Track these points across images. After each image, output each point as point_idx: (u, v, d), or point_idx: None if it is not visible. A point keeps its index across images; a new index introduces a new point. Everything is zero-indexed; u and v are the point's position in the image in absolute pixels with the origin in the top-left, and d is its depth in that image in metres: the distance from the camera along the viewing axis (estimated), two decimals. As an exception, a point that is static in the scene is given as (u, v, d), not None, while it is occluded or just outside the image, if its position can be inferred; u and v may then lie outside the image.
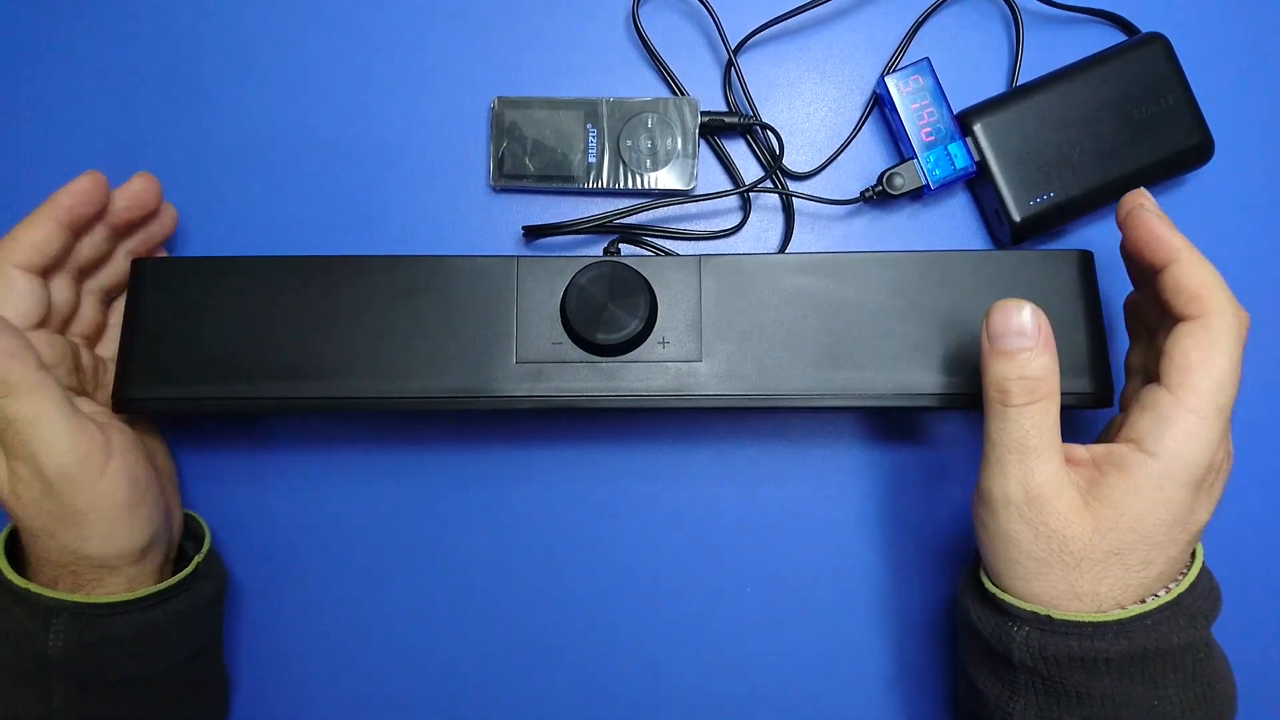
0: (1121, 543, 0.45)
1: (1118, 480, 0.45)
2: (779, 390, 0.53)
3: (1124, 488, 0.45)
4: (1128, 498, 0.45)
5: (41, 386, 0.47)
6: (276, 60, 0.65)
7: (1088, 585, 0.45)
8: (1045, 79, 0.61)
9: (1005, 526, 0.46)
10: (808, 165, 0.64)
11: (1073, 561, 0.45)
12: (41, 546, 0.49)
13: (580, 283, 0.53)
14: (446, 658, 0.61)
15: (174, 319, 0.53)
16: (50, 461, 0.47)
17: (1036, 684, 0.47)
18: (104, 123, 0.65)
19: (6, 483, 0.48)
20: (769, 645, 0.61)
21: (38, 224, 0.52)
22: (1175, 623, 0.45)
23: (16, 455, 0.47)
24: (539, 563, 0.61)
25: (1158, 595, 0.46)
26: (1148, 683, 0.45)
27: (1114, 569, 0.45)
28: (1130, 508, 0.45)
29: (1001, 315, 0.46)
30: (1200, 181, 0.63)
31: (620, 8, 0.66)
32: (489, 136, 0.64)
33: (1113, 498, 0.45)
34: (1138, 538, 0.45)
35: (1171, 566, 0.46)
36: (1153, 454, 0.45)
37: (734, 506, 0.61)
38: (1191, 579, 0.47)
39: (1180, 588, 0.46)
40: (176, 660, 0.53)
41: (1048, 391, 0.46)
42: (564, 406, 0.53)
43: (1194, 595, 0.46)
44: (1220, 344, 0.45)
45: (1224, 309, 0.46)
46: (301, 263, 0.54)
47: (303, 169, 0.64)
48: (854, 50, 0.65)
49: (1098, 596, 0.46)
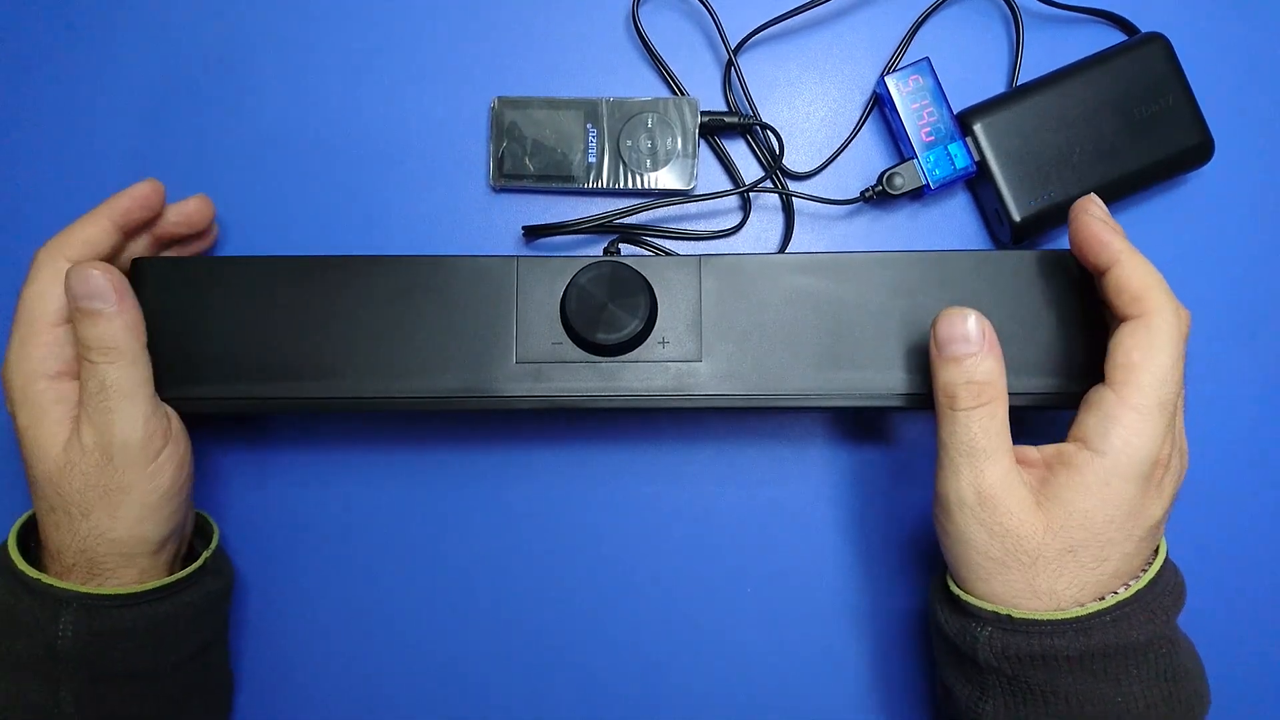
0: (1073, 540, 0.46)
1: (1067, 479, 0.46)
2: (779, 390, 0.53)
3: (1073, 485, 0.46)
4: (1077, 495, 0.46)
5: (143, 362, 0.51)
6: (277, 60, 0.65)
7: (1045, 583, 0.46)
8: (1045, 79, 0.61)
9: (961, 528, 0.48)
10: (808, 165, 0.64)
11: (1028, 560, 0.46)
12: (64, 533, 0.50)
13: (580, 283, 0.53)
14: (446, 656, 0.61)
15: (175, 319, 0.53)
16: (120, 433, 0.49)
17: (1003, 684, 0.48)
18: (104, 123, 0.65)
19: (60, 454, 0.50)
20: (769, 645, 0.61)
21: (94, 222, 0.54)
22: (1135, 619, 0.46)
23: (94, 421, 0.49)
24: (539, 562, 0.61)
25: (1117, 592, 0.47)
26: (1110, 680, 0.46)
27: (1069, 566, 0.46)
28: (1079, 505, 0.46)
29: (947, 323, 0.48)
30: (1200, 181, 0.63)
31: (620, 8, 0.66)
32: (489, 136, 0.64)
33: (1063, 496, 0.46)
34: (1089, 535, 0.46)
35: (1128, 563, 0.47)
36: (1099, 452, 0.46)
37: (734, 506, 0.61)
38: (1151, 575, 0.47)
39: (1139, 584, 0.47)
40: (184, 654, 0.53)
41: (994, 395, 0.47)
42: (564, 406, 0.53)
43: (1154, 591, 0.47)
44: (1161, 342, 0.46)
45: (1164, 308, 0.46)
46: (302, 263, 0.54)
47: (303, 169, 0.64)
48: (854, 50, 0.65)
49: (1056, 594, 0.46)
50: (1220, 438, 0.61)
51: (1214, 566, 0.60)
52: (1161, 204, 0.63)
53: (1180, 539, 0.60)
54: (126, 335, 0.50)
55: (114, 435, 0.49)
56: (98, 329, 0.49)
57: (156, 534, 0.52)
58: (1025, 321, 0.53)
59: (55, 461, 0.50)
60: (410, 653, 0.61)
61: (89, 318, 0.49)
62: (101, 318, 0.49)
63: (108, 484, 0.50)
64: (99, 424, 0.49)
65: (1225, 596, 0.60)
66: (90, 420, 0.49)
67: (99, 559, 0.50)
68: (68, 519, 0.50)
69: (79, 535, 0.50)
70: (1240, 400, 0.62)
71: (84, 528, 0.50)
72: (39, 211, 0.64)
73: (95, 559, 0.50)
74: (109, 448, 0.49)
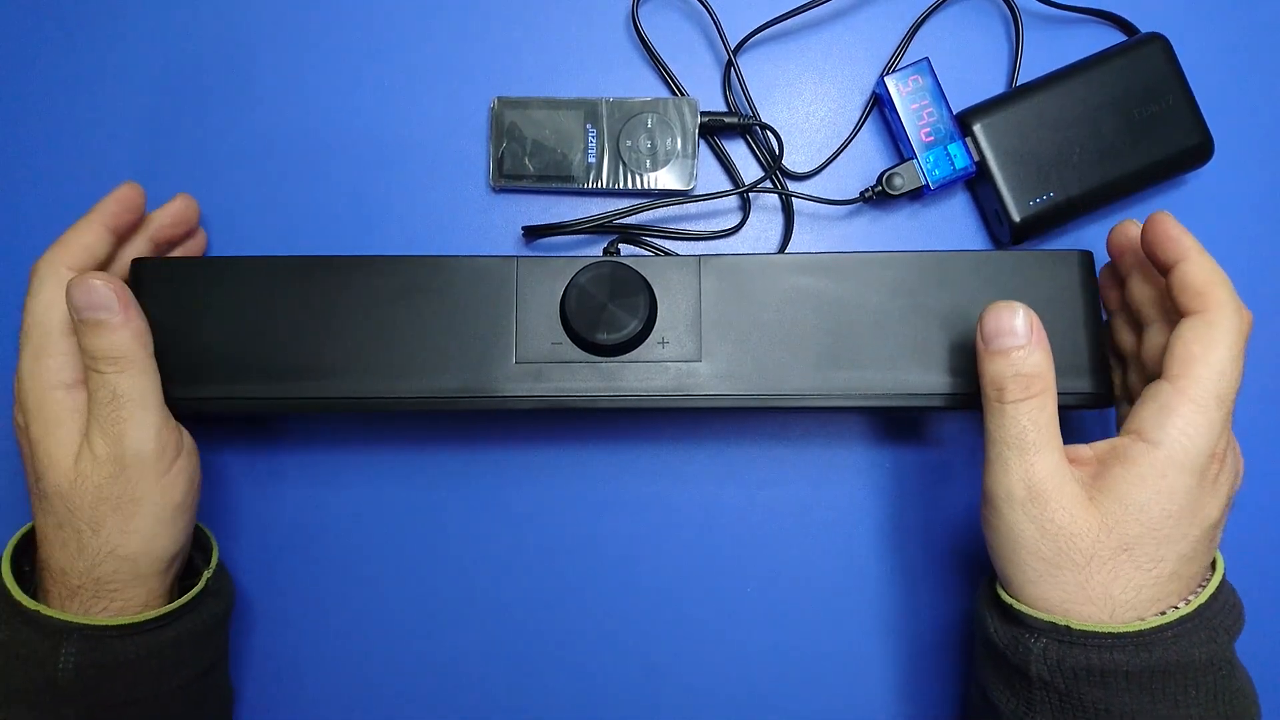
0: (1128, 536, 0.45)
1: (1121, 471, 0.46)
2: (779, 390, 0.53)
3: (1128, 478, 0.45)
4: (1132, 488, 0.45)
5: (151, 370, 0.51)
6: (277, 61, 0.65)
7: (1099, 587, 0.45)
8: (1045, 79, 0.61)
9: (1010, 525, 0.46)
10: (807, 165, 0.64)
11: (1081, 560, 0.45)
12: (71, 551, 0.49)
13: (580, 283, 0.53)
14: (446, 655, 0.61)
15: (175, 319, 0.53)
16: (134, 442, 0.49)
17: (1053, 699, 0.46)
18: (105, 124, 0.65)
19: (72, 467, 0.49)
20: (770, 646, 0.61)
21: (88, 228, 0.54)
22: (1196, 636, 0.44)
23: (105, 431, 0.49)
24: (539, 562, 0.61)
25: (1177, 607, 0.45)
26: (1169, 701, 0.44)
27: (1124, 567, 0.45)
28: (1135, 498, 0.45)
29: (994, 316, 0.48)
30: (1200, 181, 0.63)
31: (620, 8, 0.66)
32: (489, 136, 0.64)
33: (1117, 489, 0.45)
34: (1144, 530, 0.45)
35: (1186, 566, 0.46)
36: (1155, 443, 0.45)
37: (734, 506, 0.61)
38: (1212, 589, 0.46)
39: (1200, 599, 0.45)
40: (186, 678, 0.53)
41: (1043, 387, 0.47)
42: (564, 406, 0.53)
43: (1214, 608, 0.46)
44: (1221, 337, 0.46)
45: (1226, 305, 0.46)
46: (303, 263, 0.54)
47: (303, 169, 0.64)
48: (854, 50, 0.65)
49: (1111, 599, 0.45)
50: (1220, 438, 0.61)
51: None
52: (1161, 204, 0.63)
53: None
54: (134, 344, 0.50)
55: (127, 445, 0.49)
56: (104, 339, 0.49)
57: (168, 550, 0.51)
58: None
59: (67, 474, 0.49)
60: (410, 652, 0.61)
61: (94, 328, 0.49)
62: (107, 328, 0.49)
63: (120, 496, 0.49)
64: (112, 434, 0.49)
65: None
66: (102, 430, 0.49)
67: (106, 579, 0.50)
68: (76, 536, 0.49)
69: (88, 553, 0.49)
70: (1240, 400, 0.62)
71: (94, 544, 0.49)
72: (39, 212, 0.64)
73: (103, 579, 0.49)
74: (122, 458, 0.49)
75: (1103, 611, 0.45)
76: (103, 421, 0.49)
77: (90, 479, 0.49)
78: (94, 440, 0.49)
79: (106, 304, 0.49)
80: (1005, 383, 0.47)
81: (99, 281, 0.49)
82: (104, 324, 0.49)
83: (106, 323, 0.49)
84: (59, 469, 0.49)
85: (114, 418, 0.49)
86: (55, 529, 0.50)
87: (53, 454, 0.49)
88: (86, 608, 0.49)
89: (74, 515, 0.49)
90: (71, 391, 0.50)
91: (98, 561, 0.49)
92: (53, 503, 0.49)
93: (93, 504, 0.49)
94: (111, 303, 0.49)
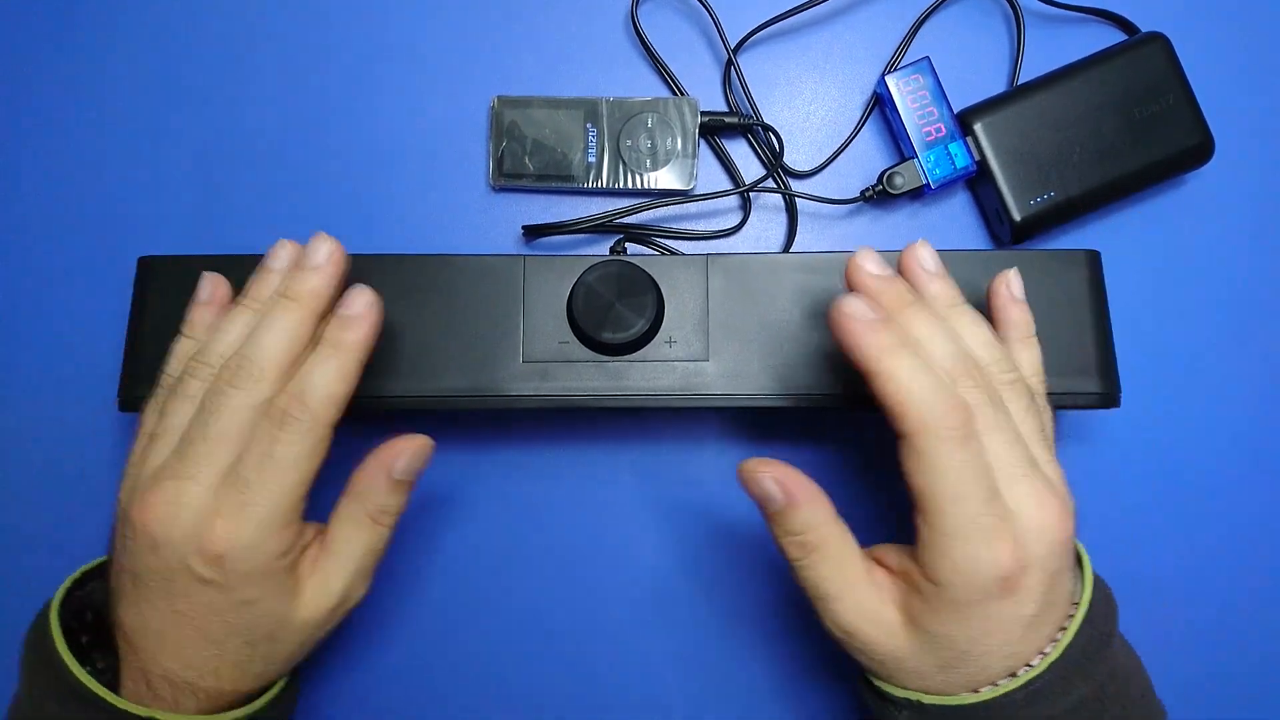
0: (944, 659, 0.44)
1: (922, 606, 0.44)
2: (786, 390, 0.53)
3: (927, 613, 0.43)
4: (933, 623, 0.43)
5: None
6: (277, 60, 0.65)
7: (947, 676, 0.44)
8: (1046, 78, 0.61)
9: (846, 650, 0.46)
10: (808, 165, 0.64)
11: (916, 671, 0.44)
12: (197, 659, 0.44)
13: (587, 282, 0.53)
14: (447, 655, 0.60)
15: (181, 317, 0.53)
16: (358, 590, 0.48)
17: None
18: (106, 123, 0.65)
19: (288, 599, 0.46)
20: (777, 645, 0.60)
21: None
22: (1050, 692, 0.43)
23: (358, 569, 0.48)
24: (544, 562, 0.61)
25: (1031, 665, 0.43)
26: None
27: (953, 675, 0.44)
28: (938, 630, 0.43)
29: (749, 482, 0.46)
30: (1200, 181, 0.63)
31: (620, 8, 0.65)
32: (489, 136, 0.64)
33: (921, 622, 0.44)
34: (956, 654, 0.43)
35: (1023, 645, 0.43)
36: (939, 583, 0.43)
37: (742, 506, 0.61)
38: (1064, 646, 0.43)
39: (1052, 656, 0.43)
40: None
41: (817, 542, 0.45)
42: (571, 406, 0.53)
43: (1067, 661, 0.43)
44: (934, 463, 0.41)
45: (921, 428, 0.42)
46: None
47: (303, 168, 0.64)
48: (854, 50, 0.66)
49: (970, 679, 0.44)
50: (1220, 437, 0.62)
51: (1214, 566, 0.61)
52: (1161, 204, 0.63)
53: (1180, 539, 0.61)
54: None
55: (352, 596, 0.48)
56: (398, 497, 0.48)
57: (291, 667, 0.49)
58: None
59: (308, 604, 0.46)
60: (412, 651, 0.60)
61: (397, 487, 0.47)
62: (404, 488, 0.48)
63: (309, 628, 0.47)
64: (349, 582, 0.47)
65: (1224, 595, 0.61)
66: (341, 574, 0.47)
67: (211, 686, 0.45)
68: (240, 649, 0.45)
69: (231, 660, 0.45)
70: (1240, 400, 0.62)
71: (231, 658, 0.45)
72: (39, 213, 0.64)
73: (212, 686, 0.45)
74: (348, 599, 0.47)
75: (959, 685, 0.44)
76: (341, 569, 0.47)
77: (313, 612, 0.46)
78: (331, 579, 0.47)
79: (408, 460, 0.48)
80: (784, 545, 0.46)
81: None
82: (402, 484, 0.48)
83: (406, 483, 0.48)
84: (304, 598, 0.46)
85: (358, 568, 0.47)
86: (198, 634, 0.44)
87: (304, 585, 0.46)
88: (176, 702, 0.44)
89: (253, 631, 0.45)
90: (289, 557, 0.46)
91: (224, 671, 0.45)
92: (239, 615, 0.44)
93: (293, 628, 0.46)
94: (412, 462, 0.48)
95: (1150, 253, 0.63)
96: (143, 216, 0.64)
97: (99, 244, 0.63)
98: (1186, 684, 0.59)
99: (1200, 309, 0.63)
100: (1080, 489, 0.60)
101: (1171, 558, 0.61)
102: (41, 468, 0.61)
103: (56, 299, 0.63)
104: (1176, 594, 0.60)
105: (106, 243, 0.63)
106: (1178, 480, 0.61)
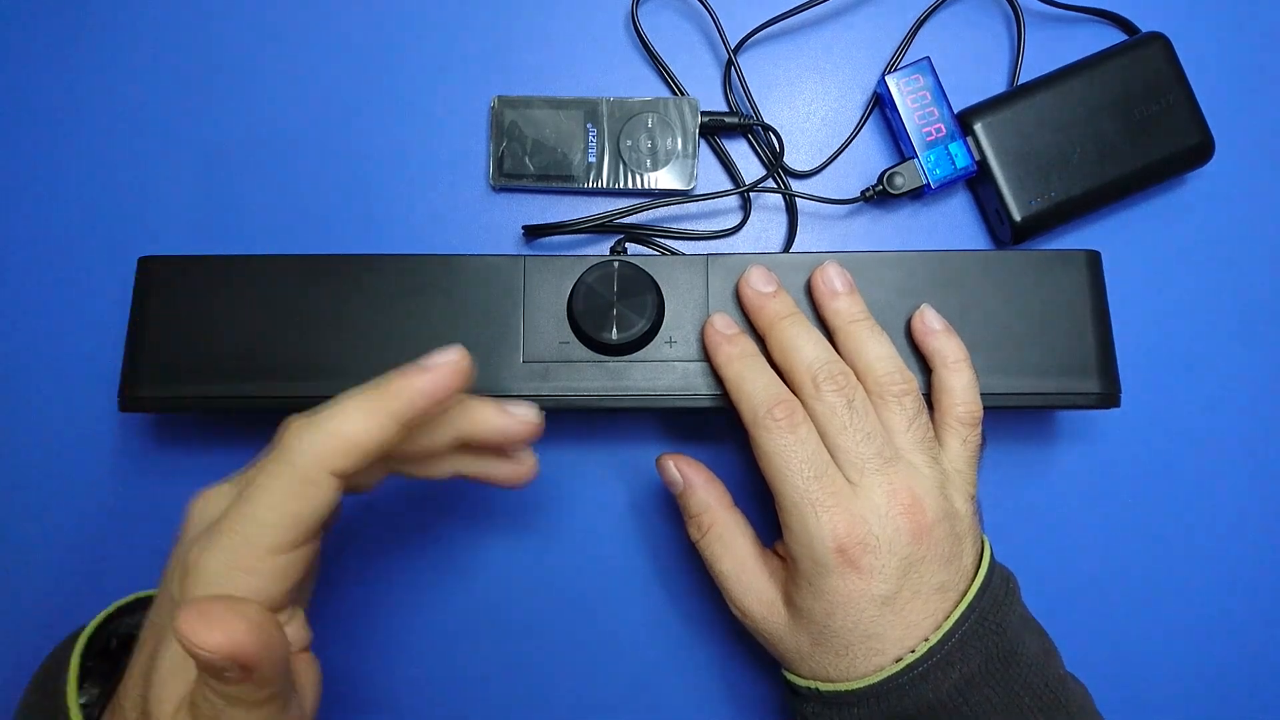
0: (814, 632, 0.47)
1: (790, 583, 0.49)
2: (786, 389, 0.53)
3: (793, 589, 0.48)
4: (797, 596, 0.48)
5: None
6: (278, 60, 0.65)
7: (831, 660, 0.47)
8: (1046, 78, 0.61)
9: (751, 633, 0.51)
10: (808, 165, 0.64)
11: (800, 652, 0.49)
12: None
13: (588, 282, 0.53)
14: (448, 654, 0.60)
15: (181, 318, 0.53)
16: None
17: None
18: (106, 123, 0.64)
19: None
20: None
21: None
22: (932, 674, 0.45)
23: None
24: (544, 562, 0.61)
25: (914, 650, 0.46)
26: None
27: (827, 655, 0.47)
28: (802, 604, 0.48)
29: (661, 469, 0.54)
30: (1200, 181, 0.63)
31: (620, 8, 0.65)
32: (489, 136, 0.64)
33: (792, 599, 0.49)
34: (819, 627, 0.47)
35: (894, 629, 0.46)
36: (790, 558, 0.48)
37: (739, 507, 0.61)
38: (945, 630, 0.46)
39: (932, 641, 0.46)
40: None
41: (711, 522, 0.52)
42: (571, 406, 0.53)
43: (947, 645, 0.45)
44: (764, 448, 0.48)
45: (754, 415, 0.48)
46: (308, 261, 0.54)
47: (303, 168, 0.64)
48: (854, 50, 0.66)
49: (854, 666, 0.47)
50: (1220, 437, 0.62)
51: (1213, 565, 0.61)
52: (1161, 204, 0.63)
53: (1181, 540, 0.61)
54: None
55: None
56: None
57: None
58: (1025, 321, 0.53)
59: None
60: (412, 650, 0.60)
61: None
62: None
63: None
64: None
65: (1224, 595, 0.61)
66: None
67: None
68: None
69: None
70: (1240, 400, 0.62)
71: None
72: (39, 212, 0.64)
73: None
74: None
75: (846, 673, 0.47)
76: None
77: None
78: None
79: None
80: (688, 528, 0.53)
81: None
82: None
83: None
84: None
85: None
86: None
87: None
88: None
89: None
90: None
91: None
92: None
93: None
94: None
95: (1150, 253, 0.63)
96: (143, 216, 0.64)
97: (99, 244, 0.63)
98: (1186, 683, 0.59)
99: (1200, 309, 0.63)
100: (1080, 489, 0.61)
101: (1171, 558, 0.61)
102: (41, 468, 0.61)
103: (56, 299, 0.63)
104: (1176, 594, 0.60)
105: (107, 243, 0.63)
106: (1178, 480, 0.61)
